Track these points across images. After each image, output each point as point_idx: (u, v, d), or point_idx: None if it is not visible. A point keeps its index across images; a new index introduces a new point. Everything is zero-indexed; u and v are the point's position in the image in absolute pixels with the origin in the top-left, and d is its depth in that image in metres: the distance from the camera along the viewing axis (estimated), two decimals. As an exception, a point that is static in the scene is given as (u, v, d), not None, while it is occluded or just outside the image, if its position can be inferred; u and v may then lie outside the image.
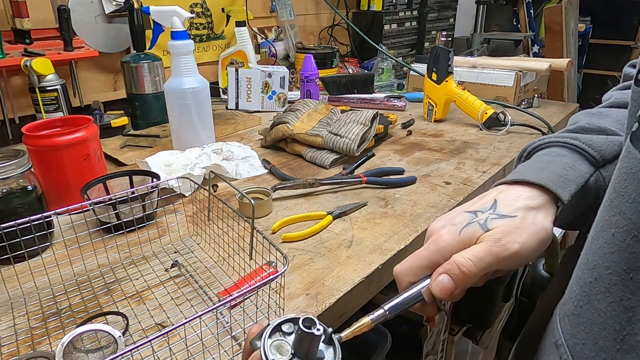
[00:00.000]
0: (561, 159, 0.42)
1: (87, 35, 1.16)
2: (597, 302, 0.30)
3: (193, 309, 0.55)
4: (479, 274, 0.37)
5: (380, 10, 1.85)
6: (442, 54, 1.18)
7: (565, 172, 0.41)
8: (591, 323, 0.30)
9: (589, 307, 0.30)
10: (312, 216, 0.75)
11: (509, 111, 1.19)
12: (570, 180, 0.40)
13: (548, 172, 0.41)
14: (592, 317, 0.30)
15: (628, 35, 3.60)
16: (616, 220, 0.29)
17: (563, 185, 0.40)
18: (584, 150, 0.43)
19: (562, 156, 0.43)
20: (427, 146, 1.09)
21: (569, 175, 0.41)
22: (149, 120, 1.19)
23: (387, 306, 0.39)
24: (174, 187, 0.78)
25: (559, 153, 0.43)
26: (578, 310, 0.32)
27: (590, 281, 0.30)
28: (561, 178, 0.40)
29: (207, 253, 0.67)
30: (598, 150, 0.42)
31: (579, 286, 0.32)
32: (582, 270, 0.32)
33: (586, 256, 0.32)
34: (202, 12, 1.44)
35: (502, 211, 0.39)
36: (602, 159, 0.42)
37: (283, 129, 1.01)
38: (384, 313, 0.38)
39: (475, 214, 0.40)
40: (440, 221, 0.42)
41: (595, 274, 0.30)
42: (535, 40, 3.15)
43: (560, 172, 0.41)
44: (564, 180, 0.40)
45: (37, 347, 0.49)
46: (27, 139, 0.71)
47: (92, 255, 0.63)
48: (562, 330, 0.33)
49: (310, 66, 1.34)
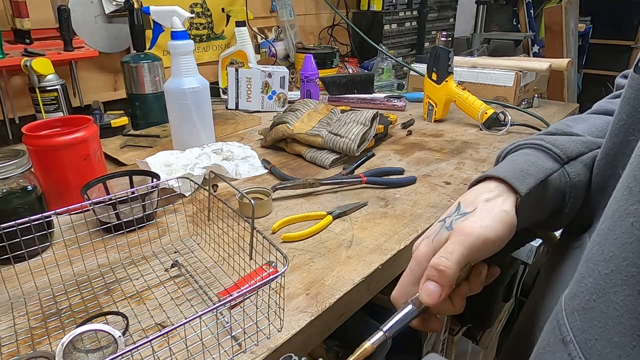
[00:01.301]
0: (526, 157, 0.46)
1: (87, 35, 1.16)
2: (613, 294, 0.28)
3: (193, 309, 0.55)
4: (458, 267, 0.39)
5: (380, 10, 1.85)
6: (442, 54, 1.18)
7: (527, 167, 0.44)
8: (605, 317, 0.29)
9: (603, 300, 0.29)
10: (312, 216, 0.75)
11: (509, 111, 1.19)
12: (529, 174, 0.43)
13: (509, 167, 0.44)
14: (607, 311, 0.29)
15: (628, 35, 3.60)
16: (635, 209, 0.28)
17: (521, 178, 0.42)
18: (547, 148, 0.45)
19: (527, 155, 0.46)
20: (427, 146, 1.09)
21: (530, 170, 0.43)
22: (149, 120, 1.19)
23: (385, 328, 0.41)
24: (174, 187, 0.78)
25: (526, 152, 0.47)
26: (591, 304, 0.30)
27: (607, 273, 0.29)
28: (521, 172, 0.43)
29: (207, 253, 0.67)
30: (561, 148, 0.45)
31: (592, 279, 0.31)
32: (596, 262, 0.31)
33: (600, 247, 0.31)
34: (202, 12, 1.44)
35: (464, 210, 0.42)
36: (565, 156, 0.44)
37: (283, 129, 1.01)
38: (383, 335, 0.40)
39: (444, 221, 0.43)
40: (420, 239, 0.45)
41: (612, 266, 0.29)
42: (535, 40, 3.15)
43: (521, 167, 0.44)
44: (523, 175, 0.43)
45: (37, 347, 0.49)
46: (27, 139, 0.71)
47: (92, 255, 0.63)
48: (571, 325, 0.32)
49: (310, 66, 1.34)
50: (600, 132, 0.48)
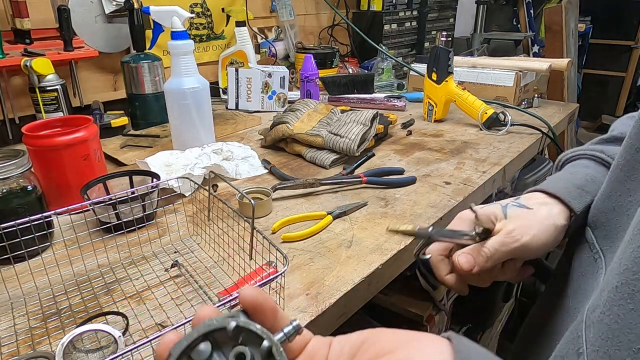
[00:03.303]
0: (585, 170, 0.46)
1: (87, 35, 1.16)
2: (618, 308, 0.28)
3: (193, 309, 0.55)
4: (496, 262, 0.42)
5: (380, 10, 1.85)
6: (442, 54, 1.18)
7: (585, 183, 0.44)
8: (608, 330, 0.28)
9: (609, 313, 0.29)
10: (312, 216, 0.75)
11: (509, 111, 1.19)
12: (587, 192, 0.43)
13: (567, 182, 0.44)
14: (610, 324, 0.28)
15: (628, 35, 3.60)
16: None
17: (578, 196, 0.43)
18: (608, 163, 0.45)
19: (587, 167, 0.46)
20: (427, 146, 1.09)
21: (587, 187, 0.43)
22: (149, 120, 1.19)
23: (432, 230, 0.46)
24: (174, 187, 0.78)
25: (585, 165, 0.47)
26: (602, 317, 0.30)
27: (617, 286, 0.29)
28: (578, 189, 0.43)
29: (207, 253, 0.67)
30: None
31: (607, 291, 0.30)
32: (613, 275, 0.30)
33: (618, 259, 0.30)
34: (202, 12, 1.44)
35: (522, 202, 0.44)
36: None
37: (283, 129, 1.01)
38: (429, 232, 0.46)
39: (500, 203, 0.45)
40: (468, 209, 0.48)
41: (622, 279, 0.28)
42: (535, 40, 3.15)
43: (579, 182, 0.44)
44: (580, 192, 0.43)
45: (37, 347, 0.49)
46: (27, 139, 0.71)
47: (92, 255, 0.63)
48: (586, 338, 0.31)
49: (310, 66, 1.34)
50: None
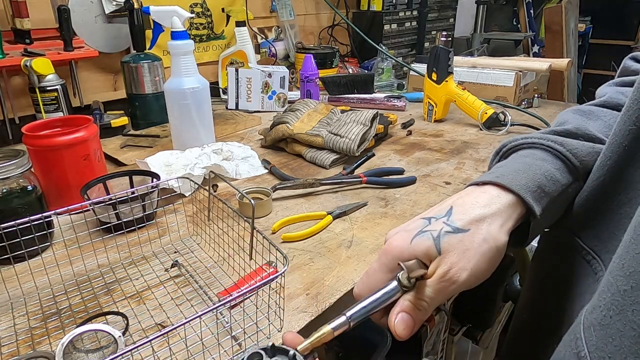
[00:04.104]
0: (543, 163, 0.40)
1: (87, 35, 1.16)
2: (632, 313, 0.27)
3: (193, 309, 0.55)
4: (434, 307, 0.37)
5: (380, 10, 1.85)
6: (442, 54, 1.18)
7: (545, 182, 0.38)
8: (621, 336, 0.27)
9: (620, 317, 0.28)
10: (312, 216, 0.75)
11: (509, 111, 1.19)
12: (546, 192, 0.38)
13: (526, 179, 0.38)
14: (623, 330, 0.27)
15: (628, 35, 3.60)
16: None
17: (538, 197, 0.37)
18: (567, 159, 0.40)
19: (544, 161, 0.40)
20: (427, 146, 1.09)
21: (548, 187, 0.38)
22: (149, 120, 1.19)
23: (348, 313, 0.37)
24: (174, 187, 0.78)
25: (542, 157, 0.41)
26: (607, 320, 0.29)
27: (625, 289, 0.28)
28: (538, 189, 0.38)
29: (207, 253, 0.67)
30: (582, 161, 0.40)
31: (611, 294, 0.29)
32: (616, 277, 0.29)
33: (621, 261, 0.29)
34: (202, 12, 1.44)
35: (455, 222, 0.38)
36: (583, 170, 0.40)
37: (283, 129, 1.01)
38: (346, 321, 0.37)
39: (429, 221, 0.39)
40: (395, 229, 0.41)
41: (632, 282, 0.27)
42: (535, 40, 3.15)
43: (539, 181, 0.38)
44: (539, 193, 0.38)
45: (37, 347, 0.49)
46: (27, 139, 0.71)
47: (92, 255, 0.63)
48: (587, 340, 0.31)
49: (310, 66, 1.34)
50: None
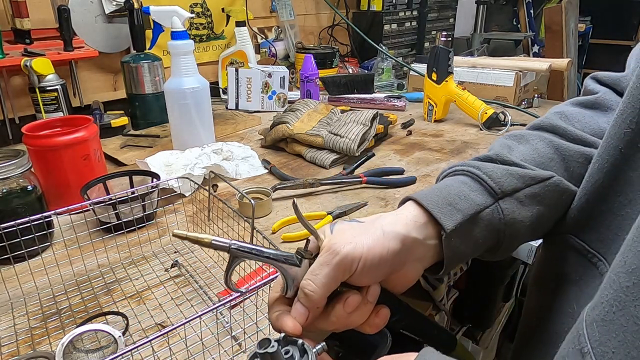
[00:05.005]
0: (460, 186, 0.43)
1: (87, 35, 1.16)
2: (634, 308, 0.27)
3: (193, 309, 0.55)
4: (325, 290, 0.36)
5: (380, 10, 1.85)
6: (442, 54, 1.18)
7: (457, 200, 0.41)
8: (625, 331, 0.28)
9: (623, 313, 0.28)
10: (312, 216, 0.75)
11: (509, 111, 1.19)
12: (458, 209, 0.40)
13: (439, 197, 0.41)
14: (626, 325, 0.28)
15: (628, 35, 3.60)
16: None
17: (449, 213, 0.39)
18: (484, 180, 0.42)
19: (463, 183, 0.43)
20: (427, 146, 1.09)
21: (460, 204, 0.40)
22: (149, 120, 1.19)
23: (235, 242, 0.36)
24: (174, 187, 0.78)
25: (462, 180, 0.44)
26: (610, 316, 0.29)
27: (628, 286, 0.28)
28: (449, 206, 0.40)
29: (207, 253, 0.67)
30: (497, 182, 0.42)
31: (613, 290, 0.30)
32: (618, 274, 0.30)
33: (623, 258, 0.30)
34: (202, 12, 1.44)
35: (357, 219, 0.39)
36: (500, 191, 0.42)
37: (283, 129, 1.01)
38: (227, 244, 0.36)
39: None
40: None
41: (634, 278, 0.28)
42: (535, 40, 3.15)
43: (452, 199, 0.41)
44: (451, 210, 0.40)
45: (37, 347, 0.49)
46: (27, 139, 0.71)
47: (92, 255, 0.63)
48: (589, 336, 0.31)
49: (310, 66, 1.34)
50: (542, 159, 0.46)
